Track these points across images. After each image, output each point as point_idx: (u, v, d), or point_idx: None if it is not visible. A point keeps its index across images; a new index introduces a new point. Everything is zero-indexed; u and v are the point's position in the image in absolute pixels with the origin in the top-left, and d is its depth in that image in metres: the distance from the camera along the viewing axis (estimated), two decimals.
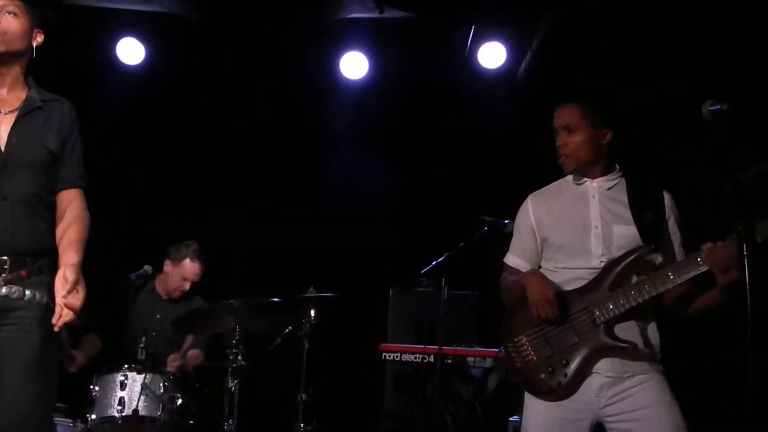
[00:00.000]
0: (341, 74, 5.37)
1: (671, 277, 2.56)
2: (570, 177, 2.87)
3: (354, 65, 5.33)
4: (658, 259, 2.73)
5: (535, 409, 2.73)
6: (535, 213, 2.90)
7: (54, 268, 2.72)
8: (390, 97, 5.60)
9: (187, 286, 4.98)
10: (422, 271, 4.16)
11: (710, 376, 3.97)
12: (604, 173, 2.81)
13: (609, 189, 2.81)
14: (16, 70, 2.75)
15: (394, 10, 4.83)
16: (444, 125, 5.69)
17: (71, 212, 2.80)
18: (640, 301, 2.60)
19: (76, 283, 2.53)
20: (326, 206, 5.75)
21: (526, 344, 2.76)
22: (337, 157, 5.78)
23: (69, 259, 2.63)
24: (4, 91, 2.73)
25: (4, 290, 2.58)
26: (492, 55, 5.12)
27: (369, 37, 5.23)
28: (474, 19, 5.00)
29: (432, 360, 4.27)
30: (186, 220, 5.27)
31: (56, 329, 2.55)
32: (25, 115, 2.69)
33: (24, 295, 2.62)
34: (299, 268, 5.31)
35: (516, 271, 2.93)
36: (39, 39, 2.78)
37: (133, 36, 5.26)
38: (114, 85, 5.48)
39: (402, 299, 4.77)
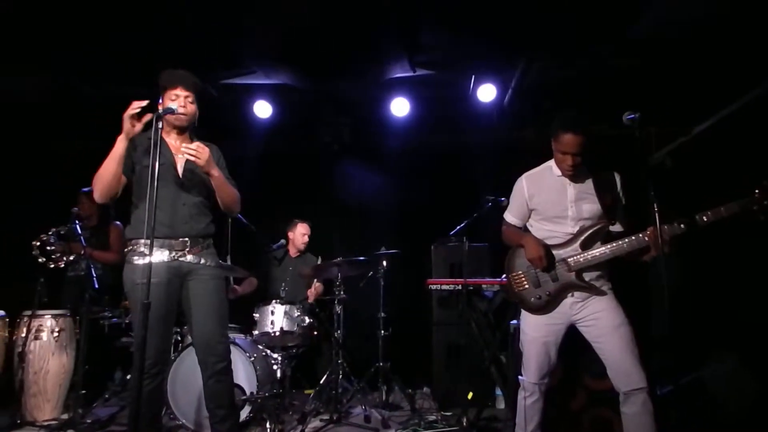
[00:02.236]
0: (391, 113, 5.33)
1: (625, 246, 2.56)
2: (554, 167, 2.72)
3: (399, 107, 5.29)
4: (616, 227, 2.69)
5: (528, 318, 2.75)
6: (528, 190, 2.77)
7: (214, 246, 2.90)
8: (424, 125, 5.54)
9: (306, 239, 5.11)
10: (451, 233, 4.17)
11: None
12: None
13: (578, 179, 2.69)
14: (186, 133, 2.87)
15: (422, 70, 4.83)
16: (459, 141, 5.66)
17: None
18: (604, 260, 2.60)
19: (200, 149, 2.64)
20: (391, 196, 5.77)
21: (523, 278, 2.75)
22: (394, 167, 5.77)
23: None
24: (180, 143, 2.81)
25: (189, 258, 2.73)
26: (487, 93, 5.01)
27: (408, 88, 5.14)
28: (474, 71, 4.95)
29: (460, 288, 4.30)
30: (298, 212, 5.34)
31: (186, 156, 2.65)
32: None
33: (200, 261, 2.77)
34: (375, 235, 5.35)
35: (512, 225, 2.88)
36: (197, 114, 2.86)
37: (264, 99, 5.27)
38: (253, 131, 5.55)
39: (440, 250, 4.76)
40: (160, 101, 2.76)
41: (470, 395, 3.90)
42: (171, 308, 2.71)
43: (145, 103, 2.56)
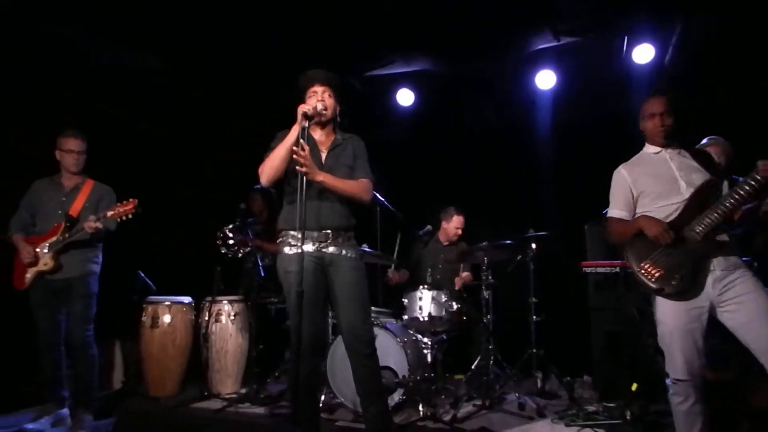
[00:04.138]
0: (537, 87, 5.09)
1: (746, 189, 2.39)
2: (648, 150, 2.79)
3: (545, 80, 5.03)
4: (724, 187, 2.58)
5: (665, 305, 2.55)
6: (630, 176, 2.76)
7: (358, 235, 2.98)
8: (573, 96, 5.21)
9: (459, 232, 5.09)
10: (604, 211, 3.94)
11: None
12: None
13: (678, 154, 2.70)
14: (330, 126, 3.00)
15: (567, 38, 4.56)
16: (613, 110, 5.16)
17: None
18: (731, 210, 2.45)
19: (307, 158, 2.64)
20: (540, 174, 5.54)
21: (652, 266, 2.57)
22: (543, 143, 5.50)
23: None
24: (324, 136, 2.98)
25: (331, 249, 2.82)
26: (644, 53, 4.53)
27: (553, 59, 4.90)
28: (624, 30, 4.51)
29: (618, 270, 4.09)
30: (445, 198, 5.35)
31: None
32: (333, 149, 2.95)
33: (341, 252, 2.84)
34: (524, 217, 5.17)
35: (620, 220, 2.79)
36: (338, 108, 2.99)
37: (407, 87, 5.34)
38: (398, 119, 5.64)
39: (594, 231, 4.48)
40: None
41: (634, 386, 3.63)
42: (319, 295, 2.82)
43: (317, 102, 2.82)
